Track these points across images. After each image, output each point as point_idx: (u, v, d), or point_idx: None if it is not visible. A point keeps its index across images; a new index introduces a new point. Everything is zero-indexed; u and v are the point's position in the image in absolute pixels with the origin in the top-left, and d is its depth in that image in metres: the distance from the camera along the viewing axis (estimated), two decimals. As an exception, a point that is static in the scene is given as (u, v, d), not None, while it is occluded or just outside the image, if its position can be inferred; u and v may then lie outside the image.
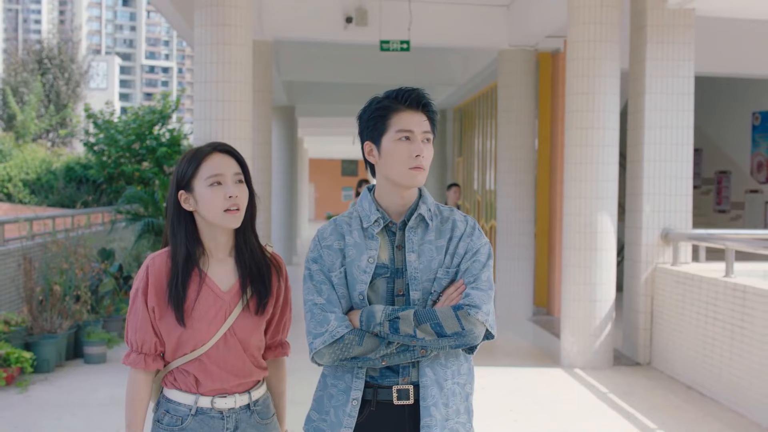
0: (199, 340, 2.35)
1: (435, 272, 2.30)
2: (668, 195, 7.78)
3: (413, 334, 2.19)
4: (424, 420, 2.24)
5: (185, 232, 2.37)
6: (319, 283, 2.31)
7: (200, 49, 7.07)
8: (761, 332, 5.84)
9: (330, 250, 2.34)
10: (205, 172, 2.33)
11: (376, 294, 2.31)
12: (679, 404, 6.41)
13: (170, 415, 2.38)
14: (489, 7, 10.56)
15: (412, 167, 2.29)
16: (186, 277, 2.34)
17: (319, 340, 2.24)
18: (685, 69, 7.78)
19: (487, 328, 2.26)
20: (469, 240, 2.34)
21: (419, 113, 2.33)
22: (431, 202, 2.41)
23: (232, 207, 2.33)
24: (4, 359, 6.54)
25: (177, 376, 2.39)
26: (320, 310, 2.28)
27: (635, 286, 7.87)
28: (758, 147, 14.53)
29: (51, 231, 9.43)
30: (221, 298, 2.37)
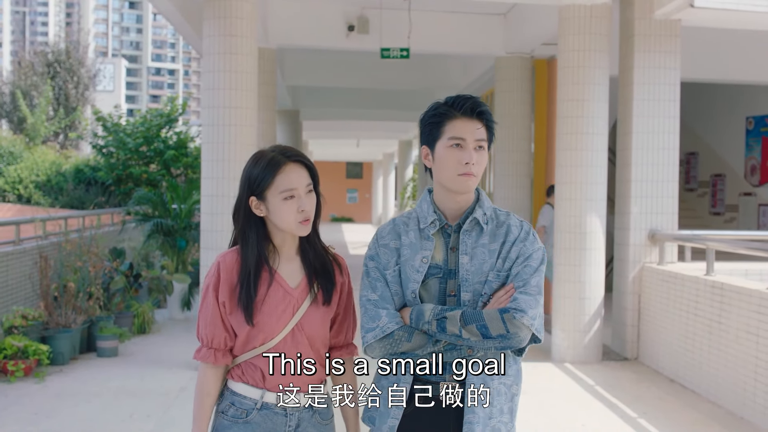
0: (268, 333, 2.41)
1: (486, 275, 2.37)
2: (655, 197, 8.13)
3: (459, 334, 2.26)
4: (467, 416, 2.31)
5: (257, 236, 2.44)
6: (374, 280, 2.41)
7: (208, 58, 7.45)
8: (736, 327, 6.19)
9: (386, 249, 2.44)
10: (281, 185, 2.38)
11: (428, 293, 2.38)
12: (661, 396, 6.76)
13: (235, 407, 2.43)
14: (486, 16, 10.93)
15: (461, 173, 2.36)
16: (257, 278, 2.41)
17: (371, 335, 2.33)
18: (671, 77, 8.13)
19: (533, 332, 2.31)
20: (522, 245, 2.39)
21: (474, 121, 2.38)
22: (488, 206, 2.46)
23: (304, 219, 2.40)
24: (22, 351, 6.91)
25: (245, 369, 2.44)
26: (373, 306, 2.36)
27: (623, 285, 8.22)
28: (752, 151, 14.86)
29: (63, 231, 9.80)
30: (290, 294, 2.44)
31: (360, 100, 17.56)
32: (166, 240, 10.09)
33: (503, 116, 11.09)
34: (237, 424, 2.42)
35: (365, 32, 10.56)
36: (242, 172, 2.46)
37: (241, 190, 2.45)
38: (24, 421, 5.73)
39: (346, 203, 42.73)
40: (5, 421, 5.72)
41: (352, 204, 42.89)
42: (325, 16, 10.64)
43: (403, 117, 19.89)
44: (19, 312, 7.38)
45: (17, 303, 8.27)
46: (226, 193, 7.37)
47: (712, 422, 5.98)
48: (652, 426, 5.85)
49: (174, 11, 8.43)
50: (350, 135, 26.05)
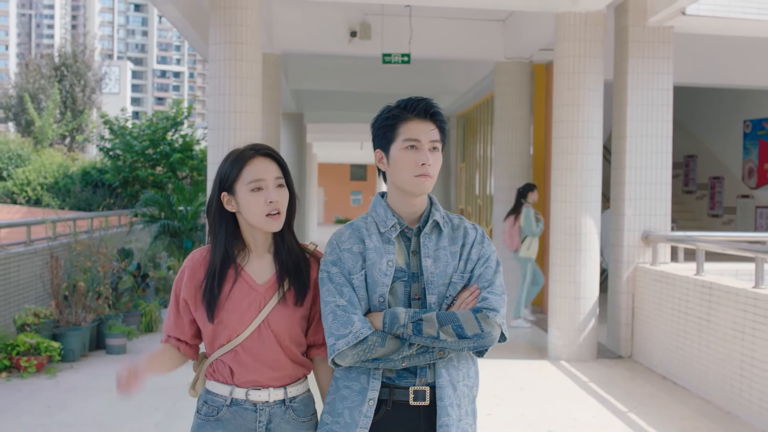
0: (233, 330, 2.40)
1: (450, 277, 2.37)
2: (648, 200, 8.34)
3: (436, 336, 2.24)
4: (441, 419, 2.30)
5: (225, 232, 2.44)
6: (339, 285, 2.34)
7: (214, 64, 7.69)
8: (724, 324, 6.40)
9: (350, 253, 2.39)
10: (248, 176, 2.39)
11: (394, 297, 2.36)
12: (652, 392, 6.98)
13: (208, 405, 2.46)
14: (485, 22, 11.15)
15: (418, 175, 2.35)
16: (222, 277, 2.41)
17: (342, 342, 2.26)
18: (664, 82, 8.35)
19: (502, 330, 2.34)
20: (480, 247, 2.42)
21: (427, 122, 2.39)
22: (442, 209, 2.49)
23: (273, 211, 2.39)
24: (34, 348, 7.16)
25: (216, 367, 2.46)
26: (343, 311, 2.30)
27: (618, 285, 8.44)
28: (749, 154, 15.06)
29: (72, 232, 10.06)
30: (255, 290, 2.42)
31: (363, 103, 17.78)
32: (172, 241, 10.34)
33: (503, 120, 11.32)
34: (209, 422, 2.44)
35: (367, 38, 10.80)
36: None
37: (213, 186, 2.47)
38: (38, 413, 5.98)
39: (350, 205, 42.94)
40: (21, 413, 5.96)
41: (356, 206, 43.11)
42: (328, 22, 10.88)
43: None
44: (31, 310, 7.64)
45: (28, 302, 8.52)
46: (231, 195, 7.59)
47: (701, 417, 6.20)
48: (642, 420, 6.07)
49: (181, 18, 8.68)
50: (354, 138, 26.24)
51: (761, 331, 5.86)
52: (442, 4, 9.05)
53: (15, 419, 5.84)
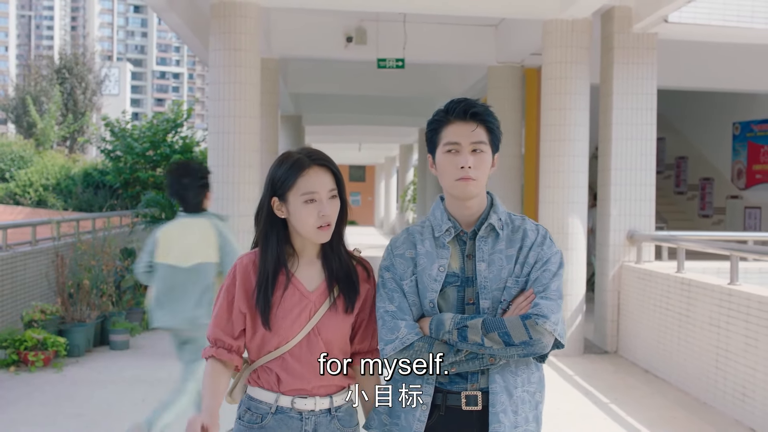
0: (283, 337, 2.38)
1: (505, 281, 2.32)
2: (633, 200, 8.64)
3: (481, 343, 2.21)
4: (492, 426, 2.27)
5: (277, 238, 2.41)
6: (390, 291, 2.36)
7: (214, 70, 7.99)
8: (701, 320, 6.71)
9: (402, 259, 2.39)
10: (302, 187, 2.34)
11: (446, 302, 2.34)
12: (634, 384, 7.28)
13: (251, 412, 2.42)
14: (478, 27, 11.46)
15: (459, 178, 2.32)
16: (274, 282, 2.38)
17: (390, 347, 2.28)
18: (649, 86, 8.64)
19: (556, 337, 2.26)
20: (539, 249, 2.35)
21: (468, 123, 2.34)
22: (503, 211, 2.41)
23: (324, 224, 2.36)
24: (41, 343, 7.45)
25: (260, 374, 2.42)
26: (391, 317, 2.31)
27: (604, 282, 8.74)
28: (738, 155, 15.38)
29: (75, 232, 10.35)
30: (306, 297, 2.40)
31: (360, 106, 18.11)
32: (173, 241, 10.60)
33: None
34: (252, 429, 2.41)
35: (363, 43, 11.11)
36: (268, 172, 2.45)
37: (265, 190, 2.42)
38: (47, 404, 6.28)
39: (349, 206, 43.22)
40: (30, 405, 6.27)
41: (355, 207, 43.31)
42: (325, 28, 11.19)
43: (403, 122, 20.43)
44: (38, 307, 7.94)
45: (34, 299, 8.81)
46: (231, 196, 7.90)
47: (678, 407, 6.50)
48: (622, 411, 6.37)
49: (183, 25, 8.98)
50: (352, 139, 26.58)
51: (735, 325, 6.16)
52: (435, 11, 9.37)
53: (25, 410, 6.14)
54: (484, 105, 2.39)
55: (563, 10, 8.23)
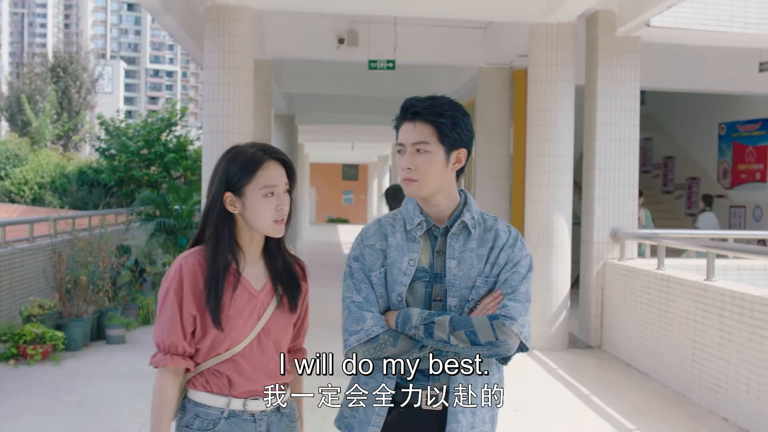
0: (234, 339, 2.33)
1: (474, 280, 2.29)
2: (617, 199, 8.88)
3: (447, 340, 2.19)
4: (450, 426, 2.26)
5: (229, 235, 2.35)
6: (358, 281, 2.32)
7: (209, 72, 8.21)
8: (679, 314, 6.95)
9: (372, 250, 2.36)
10: (262, 181, 2.31)
11: (414, 297, 2.31)
12: (615, 378, 7.52)
13: (200, 419, 2.33)
14: (467, 29, 11.69)
15: (403, 179, 2.32)
16: (224, 281, 2.33)
17: (354, 338, 2.24)
18: (632, 88, 8.88)
19: (522, 339, 2.24)
20: (510, 251, 2.32)
21: (410, 123, 2.31)
22: (476, 210, 2.38)
23: (280, 218, 2.34)
24: (40, 337, 7.65)
25: (209, 377, 2.35)
26: (357, 308, 2.28)
27: (588, 279, 8.98)
28: (724, 155, 15.66)
29: (71, 230, 10.56)
30: (255, 297, 2.37)
31: (353, 105, 18.33)
32: (168, 238, 10.82)
33: (485, 123, 11.87)
34: None
35: (354, 45, 11.32)
36: (215, 168, 2.39)
37: (217, 185, 2.35)
38: (46, 395, 6.49)
39: (342, 204, 43.48)
40: (30, 395, 6.48)
41: (348, 205, 43.65)
42: (317, 30, 11.41)
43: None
44: (37, 302, 8.14)
45: (32, 295, 9.02)
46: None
47: (656, 399, 6.75)
48: (602, 402, 6.62)
49: (178, 27, 9.19)
50: (345, 138, 26.77)
51: (710, 319, 6.41)
52: (424, 14, 9.59)
53: (26, 400, 6.35)
54: (432, 101, 2.32)
55: (549, 14, 8.46)
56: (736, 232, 11.27)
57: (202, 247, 2.37)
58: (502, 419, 2.57)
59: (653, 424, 6.04)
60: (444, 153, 2.30)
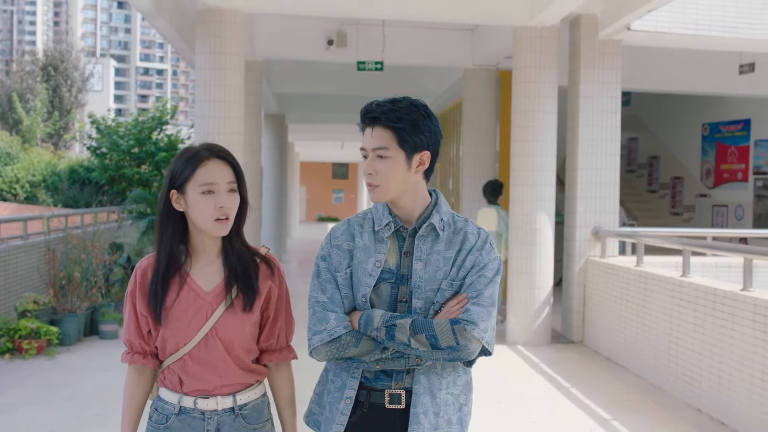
0: (180, 339, 2.35)
1: (439, 283, 2.28)
2: (598, 198, 9.11)
3: (407, 343, 2.18)
4: (411, 427, 2.26)
5: (172, 232, 2.36)
6: (324, 281, 2.33)
7: (201, 73, 8.39)
8: (657, 309, 7.19)
9: (339, 250, 2.35)
10: (200, 178, 2.30)
11: (379, 298, 2.31)
12: (595, 371, 7.76)
13: (158, 413, 2.42)
14: (454, 31, 11.91)
15: (367, 184, 2.32)
16: (167, 278, 2.35)
17: (317, 338, 2.25)
18: (613, 90, 9.12)
19: (483, 344, 2.23)
20: (478, 254, 2.30)
21: (369, 129, 2.30)
22: (446, 210, 2.36)
23: (222, 216, 2.32)
24: (35, 332, 7.83)
25: (166, 374, 2.42)
26: (321, 308, 2.29)
27: (571, 276, 9.21)
28: (707, 155, 15.92)
29: (64, 227, 10.73)
30: (202, 298, 2.36)
31: (342, 105, 18.50)
32: (160, 236, 10.99)
33: (471, 123, 12.10)
34: (159, 429, 2.41)
35: (343, 46, 11.53)
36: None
37: (165, 183, 2.37)
38: (42, 388, 6.68)
39: (332, 203, 43.65)
40: (26, 388, 6.66)
41: (338, 204, 43.81)
42: (306, 31, 11.60)
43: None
44: (31, 298, 8.32)
45: (26, 291, 9.18)
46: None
47: (633, 391, 6.98)
48: (581, 394, 6.85)
49: (170, 30, 9.36)
50: (334, 137, 26.93)
51: (685, 314, 6.64)
52: (412, 18, 9.80)
53: (22, 393, 6.53)
54: (391, 105, 2.30)
55: (532, 18, 8.68)
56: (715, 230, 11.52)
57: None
58: (485, 411, 2.65)
59: (630, 414, 6.27)
60: (405, 157, 2.28)
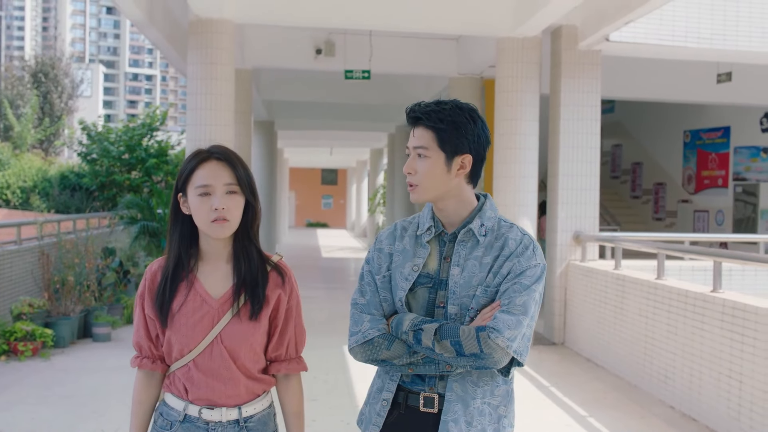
0: (185, 345, 2.32)
1: (475, 289, 2.24)
2: (579, 204, 9.40)
3: (432, 348, 2.18)
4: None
5: (180, 235, 2.35)
6: (365, 284, 2.36)
7: (192, 82, 8.63)
8: (633, 311, 7.46)
9: (381, 253, 2.38)
10: (197, 180, 2.29)
11: (416, 302, 2.30)
12: (575, 371, 8.02)
13: (163, 418, 2.39)
14: (440, 41, 12.19)
15: (408, 184, 2.33)
16: (174, 281, 2.33)
17: (353, 339, 2.29)
18: (593, 99, 9.40)
19: (512, 354, 2.17)
20: (516, 260, 2.23)
21: (415, 128, 2.31)
22: (490, 216, 2.32)
23: (219, 218, 2.28)
24: (30, 334, 8.04)
25: (173, 380, 2.38)
26: (359, 310, 2.33)
27: (552, 279, 9.48)
28: (688, 161, 16.26)
29: (56, 233, 10.93)
30: (208, 304, 2.33)
31: (331, 112, 18.78)
32: (151, 241, 11.20)
33: (456, 130, 12.35)
34: None
35: (332, 55, 11.79)
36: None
37: (174, 187, 2.38)
38: (39, 387, 6.89)
39: (321, 209, 43.88)
40: (23, 388, 6.87)
41: (327, 209, 44.06)
42: (295, 41, 11.86)
43: (372, 128, 21.11)
44: (26, 301, 8.53)
45: (20, 294, 9.39)
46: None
47: (610, 389, 7.25)
48: (560, 392, 7.11)
49: (162, 40, 9.59)
50: (323, 144, 27.18)
51: (659, 315, 6.91)
52: (397, 29, 10.07)
53: (19, 392, 6.74)
54: (435, 106, 2.30)
55: (515, 29, 8.95)
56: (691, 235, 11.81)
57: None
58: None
59: (606, 411, 6.53)
60: (444, 159, 2.27)
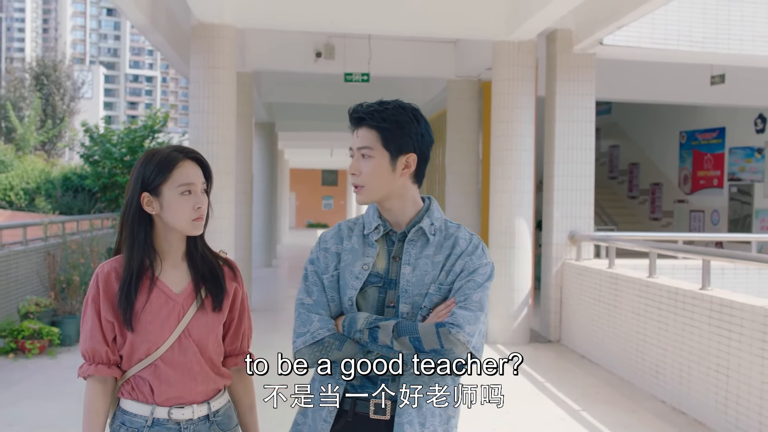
0: (153, 342, 2.30)
1: (427, 287, 2.24)
2: (574, 204, 9.58)
3: (390, 346, 2.14)
4: None
5: (145, 236, 2.34)
6: (311, 284, 2.31)
7: (194, 86, 8.82)
8: (626, 309, 7.65)
9: (327, 253, 2.34)
10: (178, 179, 2.31)
11: (366, 302, 2.27)
12: (570, 368, 8.21)
13: (126, 427, 2.32)
14: (438, 44, 12.39)
15: (353, 186, 2.31)
16: (138, 282, 2.31)
17: (300, 340, 2.22)
18: (587, 101, 9.59)
19: (470, 349, 2.17)
20: (468, 258, 2.26)
21: (356, 129, 2.29)
22: (438, 216, 2.33)
23: (200, 216, 2.34)
24: (37, 333, 8.23)
25: (134, 384, 2.33)
26: (306, 310, 2.26)
27: (548, 278, 9.67)
28: (684, 162, 16.45)
29: (61, 233, 11.11)
30: (173, 300, 2.34)
31: (331, 114, 18.95)
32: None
33: (455, 132, 12.57)
34: None
35: (331, 58, 11.98)
36: (132, 171, 2.37)
37: (133, 187, 2.33)
38: (45, 384, 7.09)
39: (321, 209, 44.06)
40: (31, 384, 7.07)
41: (327, 210, 44.23)
42: (295, 44, 12.05)
43: (372, 129, 21.23)
44: (33, 300, 8.72)
45: (26, 294, 9.57)
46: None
47: (603, 385, 7.44)
48: (554, 387, 7.29)
49: (165, 44, 9.79)
50: (324, 145, 27.36)
51: (651, 312, 7.10)
52: (396, 33, 10.26)
53: (28, 388, 6.94)
54: (378, 106, 2.29)
55: (511, 33, 9.13)
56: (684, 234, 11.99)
57: (121, 255, 2.38)
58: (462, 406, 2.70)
59: (598, 405, 6.72)
60: (389, 158, 2.26)
